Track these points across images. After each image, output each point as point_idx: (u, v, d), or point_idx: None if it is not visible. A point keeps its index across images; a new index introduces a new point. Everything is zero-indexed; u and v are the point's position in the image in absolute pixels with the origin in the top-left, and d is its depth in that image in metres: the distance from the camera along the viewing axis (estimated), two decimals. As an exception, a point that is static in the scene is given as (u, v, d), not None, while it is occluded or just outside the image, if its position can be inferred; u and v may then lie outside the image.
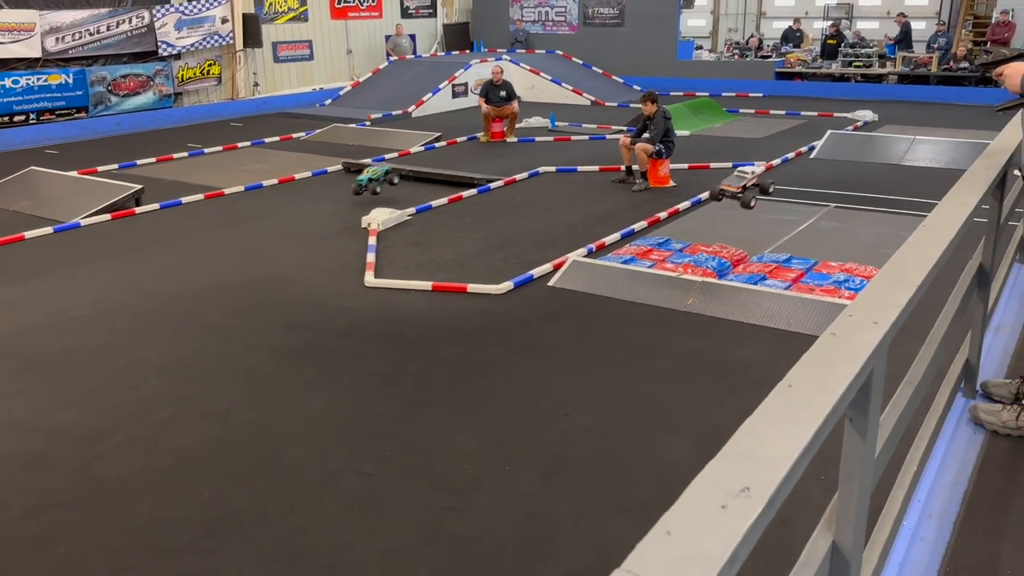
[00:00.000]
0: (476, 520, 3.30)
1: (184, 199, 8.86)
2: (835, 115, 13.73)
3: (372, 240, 7.15)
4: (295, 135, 12.98)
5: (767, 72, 17.49)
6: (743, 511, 0.94)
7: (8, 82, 13.04)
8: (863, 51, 17.74)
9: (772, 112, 14.64)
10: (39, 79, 13.44)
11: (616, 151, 9.65)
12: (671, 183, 9.00)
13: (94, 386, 4.60)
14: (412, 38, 19.19)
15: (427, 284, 6.03)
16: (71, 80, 13.84)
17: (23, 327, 5.48)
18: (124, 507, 3.46)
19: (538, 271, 6.21)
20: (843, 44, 18.02)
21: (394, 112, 14.68)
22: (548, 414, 4.16)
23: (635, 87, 17.09)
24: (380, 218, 7.63)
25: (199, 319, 5.57)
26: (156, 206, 8.59)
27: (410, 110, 14.91)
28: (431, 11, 20.14)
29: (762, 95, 16.58)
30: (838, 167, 9.88)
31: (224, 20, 15.66)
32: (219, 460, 3.82)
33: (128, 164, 10.85)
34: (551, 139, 12.29)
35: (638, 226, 7.38)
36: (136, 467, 3.75)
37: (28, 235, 7.61)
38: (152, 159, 11.17)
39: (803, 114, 14.21)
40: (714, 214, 7.74)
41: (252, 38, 16.08)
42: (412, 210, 8.11)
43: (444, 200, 8.57)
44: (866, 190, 8.20)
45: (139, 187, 8.71)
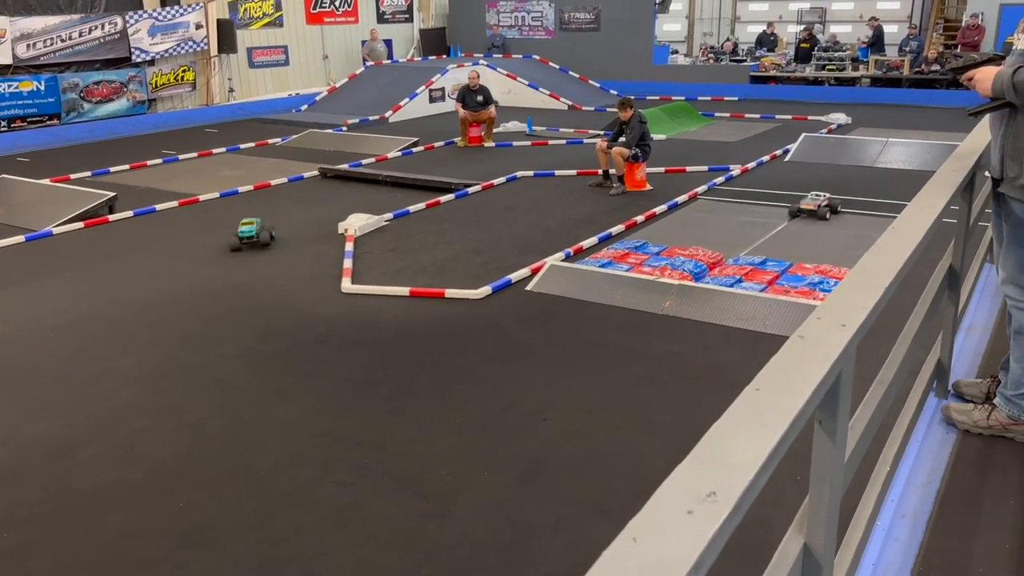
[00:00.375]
0: (454, 527, 3.29)
1: (158, 206, 8.78)
2: (809, 118, 13.86)
3: (349, 246, 7.12)
4: (271, 141, 12.92)
5: (742, 76, 17.62)
6: (709, 516, 0.94)
7: (-22, 89, 12.89)
8: (836, 55, 17.93)
9: (747, 116, 14.75)
10: (10, 86, 13.27)
11: (593, 155, 9.69)
12: (648, 187, 9.04)
13: (66, 397, 4.54)
14: (388, 43, 19.16)
15: (405, 290, 6.01)
16: (43, 87, 13.67)
17: (-7, 338, 5.40)
18: (97, 519, 3.41)
19: (516, 275, 6.21)
20: (816, 48, 18.19)
21: (371, 117, 14.64)
22: (526, 419, 4.15)
23: (612, 91, 17.16)
24: (357, 224, 7.60)
25: (173, 327, 5.51)
26: (130, 214, 8.52)
27: (387, 115, 14.88)
28: (407, 16, 20.12)
29: (737, 99, 16.72)
30: (812, 170, 9.96)
31: (198, 26, 15.54)
32: (194, 470, 3.78)
33: (101, 171, 10.75)
34: (528, 143, 12.31)
35: (615, 230, 7.40)
36: (109, 478, 3.71)
37: (-1, 244, 7.52)
38: (126, 166, 11.07)
39: (778, 117, 14.33)
40: (690, 217, 7.78)
41: (227, 44, 15.98)
42: (390, 215, 8.09)
43: (422, 205, 8.56)
44: (841, 192, 8.28)
45: (112, 195, 8.62)
